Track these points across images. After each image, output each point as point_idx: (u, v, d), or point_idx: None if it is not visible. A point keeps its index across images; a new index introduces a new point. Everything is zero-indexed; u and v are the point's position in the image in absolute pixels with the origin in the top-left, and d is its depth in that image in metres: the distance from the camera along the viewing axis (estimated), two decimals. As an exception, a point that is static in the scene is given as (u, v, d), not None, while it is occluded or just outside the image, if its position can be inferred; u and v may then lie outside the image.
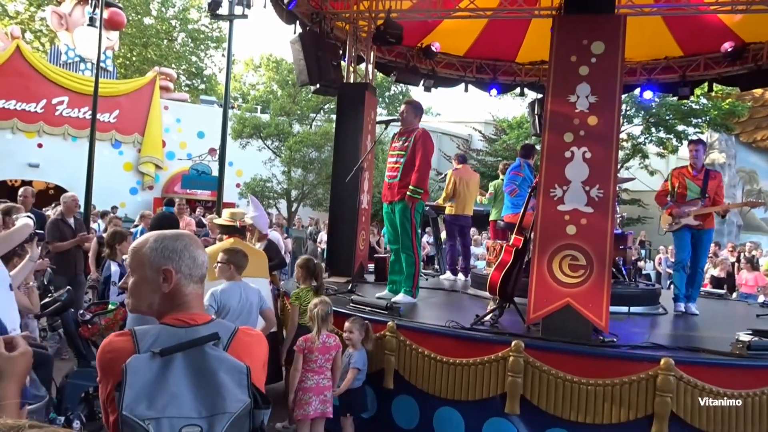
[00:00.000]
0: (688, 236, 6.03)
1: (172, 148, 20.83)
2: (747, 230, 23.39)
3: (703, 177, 6.00)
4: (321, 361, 4.11)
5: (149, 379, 1.38)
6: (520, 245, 4.77)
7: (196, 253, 1.63)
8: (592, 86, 4.24)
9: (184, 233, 1.69)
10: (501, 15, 7.31)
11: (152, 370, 1.40)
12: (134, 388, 1.36)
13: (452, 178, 7.84)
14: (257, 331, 1.72)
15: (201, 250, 1.66)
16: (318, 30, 7.16)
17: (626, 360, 3.86)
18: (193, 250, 1.63)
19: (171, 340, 1.47)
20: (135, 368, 1.39)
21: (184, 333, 1.50)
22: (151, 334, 1.50)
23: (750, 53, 7.79)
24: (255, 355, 1.59)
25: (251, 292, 4.08)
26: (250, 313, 4.03)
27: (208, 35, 31.93)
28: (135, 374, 1.38)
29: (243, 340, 1.58)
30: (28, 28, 26.85)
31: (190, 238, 1.66)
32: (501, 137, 22.84)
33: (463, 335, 4.28)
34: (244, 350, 1.55)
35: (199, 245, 1.68)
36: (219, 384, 1.40)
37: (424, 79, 9.07)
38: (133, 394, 1.35)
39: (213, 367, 1.42)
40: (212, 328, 1.53)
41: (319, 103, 20.67)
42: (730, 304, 7.72)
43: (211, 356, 1.44)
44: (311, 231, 15.02)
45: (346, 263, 6.75)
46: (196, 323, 1.55)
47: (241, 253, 4.12)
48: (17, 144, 18.00)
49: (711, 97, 19.25)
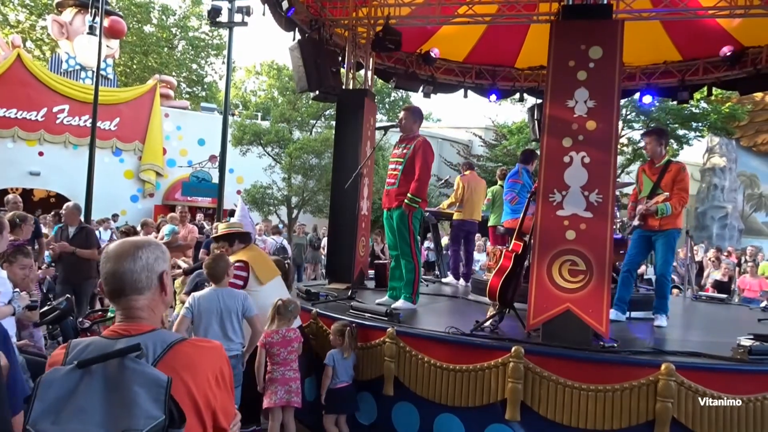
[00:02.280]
0: (637, 239, 5.48)
1: (173, 155, 20.86)
2: (748, 234, 23.36)
3: (659, 171, 5.40)
4: (284, 354, 4.31)
5: (62, 393, 1.34)
6: (520, 251, 4.76)
7: (108, 270, 1.56)
8: (591, 91, 4.24)
9: (111, 246, 1.61)
10: (500, 21, 7.34)
11: (68, 383, 1.35)
12: (44, 402, 1.33)
13: (461, 183, 7.89)
14: (212, 343, 1.61)
15: (115, 264, 1.56)
16: (317, 37, 7.17)
17: (627, 365, 3.84)
18: (105, 266, 1.56)
19: (98, 351, 1.42)
20: (49, 381, 1.35)
21: (113, 344, 1.44)
22: (82, 345, 1.46)
23: (749, 57, 7.79)
24: (198, 368, 1.48)
25: (231, 300, 4.09)
26: (229, 321, 4.05)
27: (209, 43, 32.05)
28: (48, 387, 1.34)
29: (183, 352, 1.48)
30: (29, 37, 26.98)
31: (108, 254, 1.57)
32: (501, 142, 22.87)
33: (463, 341, 4.26)
34: (183, 363, 1.45)
35: (118, 260, 1.57)
36: (130, 399, 1.32)
37: (423, 85, 9.08)
38: (41, 408, 1.32)
39: (127, 381, 1.34)
40: (145, 339, 1.46)
41: (319, 110, 20.70)
42: (731, 309, 7.70)
43: (129, 369, 1.36)
44: (311, 237, 14.99)
45: (346, 269, 6.74)
46: (128, 334, 1.49)
47: (215, 261, 4.16)
48: (18, 152, 18.04)
49: (711, 102, 19.28)
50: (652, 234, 5.39)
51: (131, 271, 1.56)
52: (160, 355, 1.44)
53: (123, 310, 1.56)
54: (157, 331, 1.53)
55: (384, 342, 4.43)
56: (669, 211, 5.22)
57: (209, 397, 1.48)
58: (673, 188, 5.26)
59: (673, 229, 5.33)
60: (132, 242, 1.61)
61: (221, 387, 1.54)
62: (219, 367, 1.54)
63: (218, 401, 1.51)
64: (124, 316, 1.55)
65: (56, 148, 18.64)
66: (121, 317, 1.56)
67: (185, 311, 4.02)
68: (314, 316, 5.06)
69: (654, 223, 5.32)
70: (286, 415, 4.35)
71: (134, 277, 1.56)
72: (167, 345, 1.47)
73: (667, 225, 5.30)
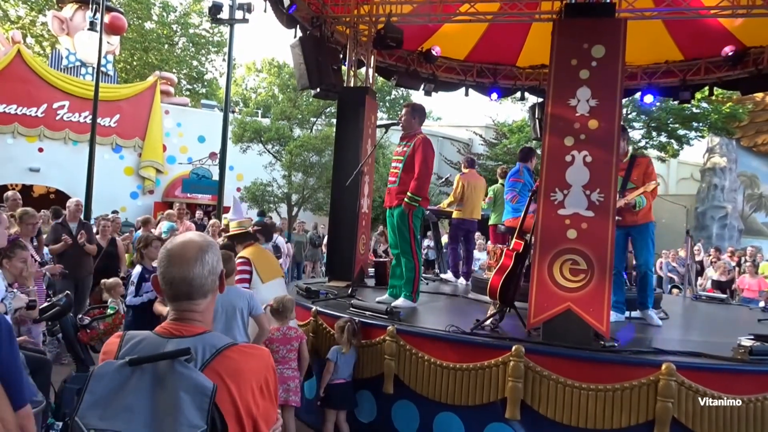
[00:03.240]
0: (618, 237, 5.33)
1: (173, 152, 20.83)
2: (748, 234, 23.35)
3: (626, 166, 5.41)
4: (283, 352, 4.32)
5: (112, 387, 1.34)
6: (521, 249, 4.75)
7: (167, 273, 1.55)
8: (593, 90, 4.23)
9: (171, 247, 1.58)
10: (501, 19, 7.32)
11: (118, 379, 1.35)
12: (94, 395, 1.33)
13: (460, 182, 7.87)
14: (260, 350, 1.59)
15: (177, 269, 1.55)
16: (318, 34, 7.16)
17: (627, 365, 3.84)
18: (165, 269, 1.55)
19: (150, 349, 1.42)
20: (101, 374, 1.36)
21: (164, 343, 1.45)
22: (136, 340, 1.46)
23: (751, 57, 7.79)
24: (243, 375, 1.47)
25: (238, 299, 4.03)
26: (236, 320, 3.98)
27: (209, 40, 31.97)
28: (99, 380, 1.35)
29: (230, 358, 1.47)
30: (29, 33, 26.92)
31: (170, 256, 1.55)
32: (502, 141, 22.84)
33: (464, 340, 4.26)
34: (228, 369, 1.45)
35: (182, 263, 1.56)
36: (176, 404, 1.32)
37: (424, 84, 9.07)
38: (91, 401, 1.33)
39: (175, 385, 1.34)
40: (195, 342, 1.45)
41: (320, 108, 20.68)
42: (731, 309, 7.69)
43: (177, 373, 1.36)
44: (311, 235, 14.98)
45: (347, 267, 6.73)
46: (180, 335, 1.49)
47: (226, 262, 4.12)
48: (18, 148, 18.00)
49: (712, 101, 19.27)
50: (630, 229, 5.44)
51: (200, 277, 1.55)
52: (208, 359, 1.44)
53: (181, 310, 1.55)
54: (208, 334, 1.52)
55: (384, 340, 4.43)
56: (644, 203, 5.28)
57: (251, 405, 1.46)
58: (644, 181, 5.33)
59: (650, 222, 5.43)
60: (197, 245, 1.58)
61: (264, 396, 1.52)
62: (264, 376, 1.53)
63: (260, 410, 1.49)
64: (180, 316, 1.54)
65: (56, 145, 18.60)
66: (176, 316, 1.55)
67: None
68: (314, 314, 5.06)
69: (631, 218, 5.35)
70: (285, 414, 4.33)
71: (202, 282, 1.55)
72: (216, 350, 1.46)
73: (644, 219, 5.38)
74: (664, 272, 13.75)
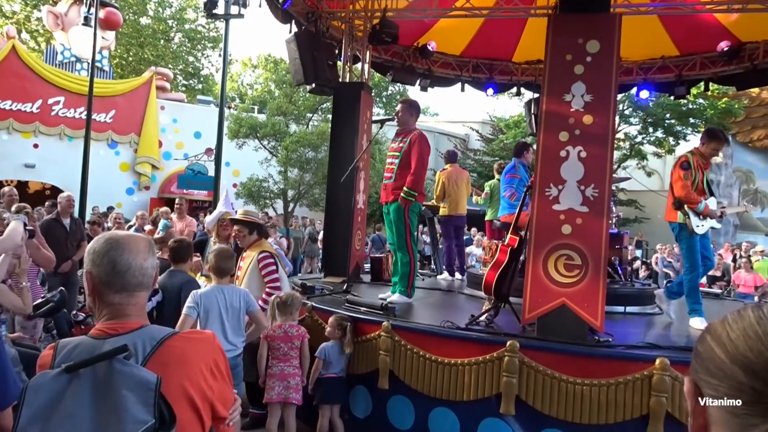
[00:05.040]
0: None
1: (169, 148, 20.78)
2: (744, 230, 23.43)
3: None
4: (284, 350, 4.32)
5: (50, 397, 1.30)
6: (516, 245, 4.75)
7: (119, 259, 1.48)
8: (588, 85, 4.23)
9: (121, 235, 1.55)
10: (497, 14, 7.30)
11: (56, 388, 1.31)
12: (32, 408, 1.29)
13: (441, 178, 7.81)
14: (203, 333, 1.59)
15: (130, 255, 1.50)
16: (314, 29, 7.13)
17: (622, 360, 3.85)
18: (115, 255, 1.48)
19: (86, 353, 1.38)
20: (36, 386, 1.32)
21: (101, 345, 1.40)
22: (70, 347, 1.42)
23: (746, 52, 7.79)
24: (191, 361, 1.45)
25: (235, 296, 4.04)
26: (233, 318, 4.00)
27: (205, 35, 31.85)
28: (36, 392, 1.31)
29: (173, 347, 1.44)
30: (24, 28, 26.78)
31: (119, 243, 1.51)
32: (498, 137, 22.84)
33: (459, 335, 4.26)
34: (173, 357, 1.42)
35: (133, 251, 1.51)
36: (118, 403, 1.29)
37: (420, 79, 9.05)
38: (30, 414, 1.29)
39: (116, 384, 1.31)
40: (134, 338, 1.42)
41: (316, 103, 20.63)
42: (726, 304, 7.71)
43: (117, 371, 1.32)
44: (310, 231, 14.98)
45: (342, 263, 6.73)
46: (116, 333, 1.44)
47: (224, 257, 4.12)
48: (13, 144, 17.93)
49: (707, 97, 19.29)
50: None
51: (151, 267, 1.55)
52: (150, 352, 1.41)
53: (113, 306, 1.50)
54: (145, 328, 1.49)
55: (379, 336, 4.43)
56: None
57: (204, 389, 1.45)
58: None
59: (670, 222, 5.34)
60: (146, 239, 1.60)
61: (217, 377, 1.50)
62: (212, 358, 1.51)
63: (215, 392, 1.48)
64: (114, 313, 1.49)
65: (51, 140, 18.53)
66: (108, 315, 1.50)
67: (189, 310, 3.86)
68: (309, 310, 5.06)
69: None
70: (286, 411, 4.33)
71: (150, 273, 1.55)
72: (157, 341, 1.44)
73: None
74: (660, 267, 13.79)
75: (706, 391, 0.77)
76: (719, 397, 0.74)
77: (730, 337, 0.75)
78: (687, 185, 4.92)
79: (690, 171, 4.98)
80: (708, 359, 0.77)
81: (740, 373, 0.72)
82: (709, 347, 0.78)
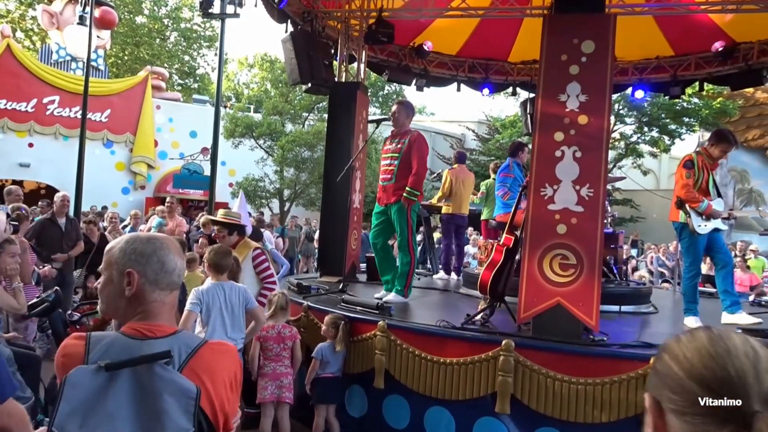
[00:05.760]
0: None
1: (165, 147, 20.73)
2: (739, 229, 23.51)
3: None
4: (277, 350, 4.36)
5: (89, 394, 1.29)
6: (511, 244, 4.76)
7: (167, 259, 1.52)
8: (583, 85, 4.24)
9: (158, 237, 1.58)
10: (493, 14, 7.31)
11: (94, 385, 1.30)
12: (71, 403, 1.28)
13: (449, 177, 7.86)
14: (228, 346, 1.61)
15: (174, 256, 1.54)
16: (309, 29, 7.13)
17: (616, 359, 3.86)
18: (163, 255, 1.52)
19: (123, 352, 1.37)
20: (75, 381, 1.30)
21: (138, 345, 1.40)
22: (105, 342, 1.41)
23: (740, 53, 7.81)
24: (217, 373, 1.46)
25: (234, 293, 4.07)
26: (233, 314, 4.02)
27: (201, 34, 31.80)
28: (74, 387, 1.29)
29: (204, 357, 1.46)
30: (18, 27, 26.68)
31: (163, 243, 1.55)
32: (494, 136, 22.88)
33: (454, 335, 4.27)
34: (204, 368, 1.44)
35: (174, 251, 1.56)
36: (161, 409, 1.29)
37: (416, 79, 9.06)
38: (68, 409, 1.28)
39: (158, 389, 1.31)
40: (171, 343, 1.43)
41: (312, 103, 20.63)
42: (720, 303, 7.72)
43: (158, 376, 1.33)
44: (306, 230, 14.96)
45: (338, 263, 6.73)
46: (154, 335, 1.45)
47: (222, 254, 4.13)
48: (8, 144, 17.87)
49: (702, 97, 19.35)
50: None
51: (183, 268, 1.59)
52: (185, 360, 1.42)
53: (150, 304, 1.50)
54: (180, 334, 1.51)
55: (375, 335, 4.44)
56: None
57: (224, 402, 1.47)
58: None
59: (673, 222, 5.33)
60: (175, 241, 1.64)
61: (234, 390, 1.53)
62: (234, 372, 1.54)
63: (231, 405, 1.50)
64: (147, 312, 1.49)
65: (46, 140, 18.48)
66: (142, 314, 1.50)
67: (192, 306, 3.89)
68: (305, 309, 5.06)
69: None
70: (279, 411, 4.36)
71: (181, 273, 1.57)
72: (192, 349, 1.45)
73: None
74: (655, 266, 13.83)
75: (666, 405, 0.85)
76: (678, 410, 0.83)
77: (686, 356, 0.85)
78: (689, 184, 4.93)
79: (693, 170, 4.96)
80: (667, 376, 0.86)
81: (696, 388, 0.81)
82: (667, 365, 0.86)
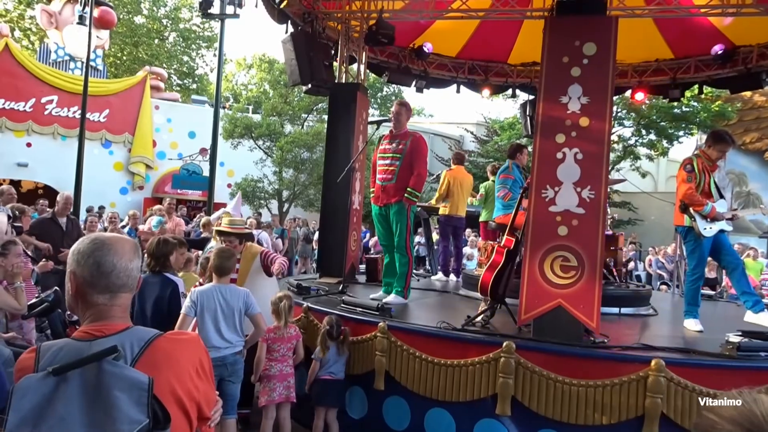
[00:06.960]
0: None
1: (163, 147, 20.70)
2: (736, 232, 23.53)
3: None
4: (283, 351, 4.37)
5: (38, 401, 1.28)
6: (512, 246, 4.76)
7: (103, 260, 1.47)
8: (584, 87, 4.24)
9: (106, 237, 1.55)
10: (493, 16, 7.31)
11: (44, 391, 1.29)
12: (20, 412, 1.27)
13: (446, 178, 7.85)
14: (189, 335, 1.59)
15: (115, 257, 1.49)
16: (310, 30, 7.13)
17: (617, 361, 3.86)
18: (100, 256, 1.48)
19: (72, 355, 1.36)
20: (23, 389, 1.30)
21: (87, 347, 1.38)
22: (54, 349, 1.40)
23: (740, 56, 7.84)
24: (178, 361, 1.45)
25: (233, 297, 4.01)
26: (231, 318, 3.97)
27: (200, 35, 31.78)
28: (23, 396, 1.29)
29: (161, 347, 1.44)
30: (17, 27, 26.62)
31: (105, 243, 1.50)
32: (493, 138, 22.88)
33: (455, 336, 4.26)
34: (162, 358, 1.42)
35: (119, 252, 1.51)
36: (112, 404, 1.28)
37: (416, 80, 9.06)
38: (18, 418, 1.27)
39: (108, 385, 1.30)
40: (121, 339, 1.41)
41: (311, 104, 20.62)
42: (719, 305, 7.75)
43: (107, 373, 1.31)
44: (304, 232, 14.96)
45: (338, 264, 6.72)
46: (102, 335, 1.43)
47: (223, 256, 4.10)
48: (6, 143, 17.82)
49: (701, 100, 19.37)
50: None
51: (136, 269, 1.55)
52: (138, 353, 1.41)
53: (97, 307, 1.48)
54: (132, 329, 1.48)
55: (375, 336, 4.43)
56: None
57: (192, 390, 1.46)
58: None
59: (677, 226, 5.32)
60: (131, 241, 1.60)
61: (202, 378, 1.52)
62: (198, 359, 1.52)
63: (201, 393, 1.49)
64: (98, 315, 1.48)
65: (45, 140, 18.44)
66: (92, 317, 1.48)
67: (187, 309, 3.86)
68: (305, 310, 5.05)
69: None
70: (282, 411, 4.35)
71: (136, 275, 1.55)
72: (145, 342, 1.43)
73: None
74: (653, 269, 13.84)
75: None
76: None
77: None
78: (691, 188, 4.92)
79: (694, 174, 4.95)
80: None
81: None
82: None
